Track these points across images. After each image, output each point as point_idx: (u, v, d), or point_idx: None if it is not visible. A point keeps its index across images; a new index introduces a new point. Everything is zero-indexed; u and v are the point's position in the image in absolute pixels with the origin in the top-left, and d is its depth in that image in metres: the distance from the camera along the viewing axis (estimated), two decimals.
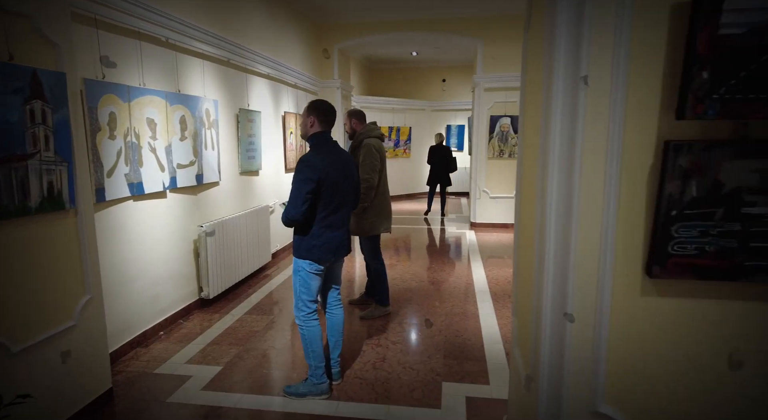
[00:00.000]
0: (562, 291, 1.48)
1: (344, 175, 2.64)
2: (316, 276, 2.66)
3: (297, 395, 2.72)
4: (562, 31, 1.39)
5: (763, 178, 1.28)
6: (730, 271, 1.35)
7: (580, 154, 1.41)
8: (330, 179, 2.53)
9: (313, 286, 2.66)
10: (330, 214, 2.59)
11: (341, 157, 2.68)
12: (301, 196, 2.46)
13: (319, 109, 2.64)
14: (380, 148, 3.69)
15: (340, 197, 2.62)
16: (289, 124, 6.17)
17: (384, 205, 3.75)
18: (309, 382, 2.75)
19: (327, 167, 2.53)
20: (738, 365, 1.43)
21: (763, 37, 1.21)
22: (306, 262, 2.60)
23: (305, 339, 2.70)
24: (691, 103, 1.26)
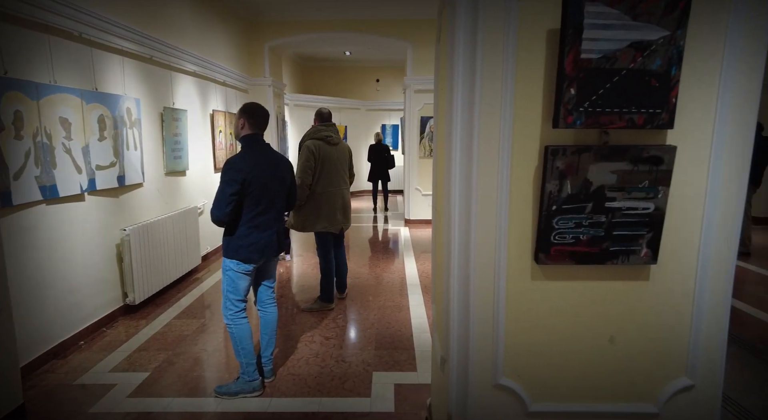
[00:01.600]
0: (466, 277, 1.67)
1: (274, 177, 2.69)
2: (244, 276, 2.70)
3: (229, 394, 2.75)
4: (460, 53, 1.57)
5: (620, 177, 1.55)
6: (600, 256, 1.61)
7: (477, 158, 1.60)
8: (256, 181, 2.58)
9: (240, 286, 2.71)
10: (258, 214, 2.64)
11: (272, 159, 2.73)
12: (225, 197, 2.50)
13: (249, 112, 2.68)
14: (319, 149, 3.78)
15: (268, 198, 2.67)
16: (218, 123, 6.04)
17: (324, 204, 3.84)
18: (241, 381, 2.78)
19: (253, 169, 2.58)
20: (612, 340, 1.70)
21: (614, 62, 1.46)
22: (233, 262, 2.65)
23: (234, 337, 2.74)
24: (563, 115, 1.49)
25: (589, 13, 1.43)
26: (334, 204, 3.89)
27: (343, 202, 3.99)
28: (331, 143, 3.86)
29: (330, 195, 3.87)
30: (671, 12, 1.45)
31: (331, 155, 3.85)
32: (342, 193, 3.98)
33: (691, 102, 1.56)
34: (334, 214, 3.90)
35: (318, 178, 3.79)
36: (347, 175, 4.07)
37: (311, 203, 3.82)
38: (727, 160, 1.58)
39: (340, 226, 3.99)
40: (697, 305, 1.66)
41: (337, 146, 3.93)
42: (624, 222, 1.58)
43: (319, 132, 3.83)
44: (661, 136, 1.58)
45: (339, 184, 3.93)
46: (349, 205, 4.09)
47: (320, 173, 3.79)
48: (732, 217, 1.61)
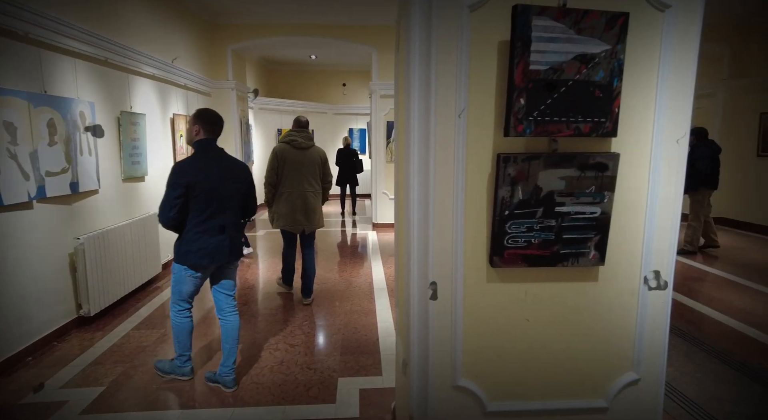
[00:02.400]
0: (425, 281, 1.71)
1: (225, 182, 2.68)
2: (191, 280, 2.74)
3: (162, 371, 2.99)
4: (415, 63, 1.61)
5: (568, 183, 1.62)
6: (551, 258, 1.68)
7: (433, 165, 1.64)
8: (203, 185, 2.58)
9: (185, 289, 2.77)
10: (206, 219, 2.63)
11: (225, 164, 2.73)
12: (169, 201, 2.56)
13: (204, 118, 2.70)
14: (282, 152, 4.03)
15: (218, 203, 2.65)
16: (178, 127, 5.89)
17: (284, 204, 4.07)
18: (174, 364, 2.97)
19: (199, 173, 2.59)
20: (564, 335, 1.77)
21: (561, 73, 1.53)
22: (180, 265, 2.71)
23: (173, 328, 2.89)
24: (513, 124, 1.55)
25: (537, 27, 1.49)
26: (294, 205, 4.07)
27: (305, 204, 4.10)
28: (297, 147, 4.05)
29: (290, 196, 4.05)
30: (611, 28, 1.53)
31: (295, 158, 4.03)
32: (305, 195, 4.09)
33: (631, 111, 1.65)
34: (294, 214, 4.07)
35: (282, 179, 4.04)
36: (315, 179, 4.16)
37: (277, 202, 4.10)
38: (664, 165, 1.69)
39: (301, 227, 4.12)
40: (641, 303, 1.75)
41: (306, 151, 4.09)
42: (573, 226, 1.66)
43: (287, 136, 4.11)
44: (606, 143, 1.66)
45: (302, 186, 4.07)
46: (313, 207, 4.16)
47: (283, 175, 4.03)
48: (670, 219, 1.72)
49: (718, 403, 2.67)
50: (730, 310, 4.11)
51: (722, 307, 4.17)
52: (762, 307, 4.17)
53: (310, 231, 4.21)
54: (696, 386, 2.85)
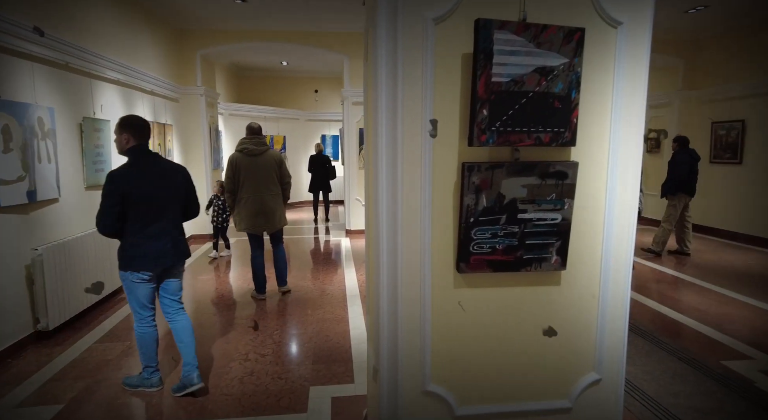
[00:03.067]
0: (394, 288, 1.73)
1: (162, 186, 2.73)
2: (141, 285, 2.75)
3: (131, 386, 2.95)
4: (382, 74, 1.63)
5: (530, 191, 1.68)
6: (515, 264, 1.73)
7: (401, 174, 1.66)
8: (140, 192, 2.62)
9: (140, 295, 2.78)
10: (146, 225, 2.68)
11: (160, 169, 2.76)
12: (105, 210, 2.59)
13: (131, 125, 2.71)
14: (236, 160, 4.33)
15: (158, 208, 2.71)
16: None
17: (244, 209, 4.35)
18: (142, 376, 2.94)
19: (135, 181, 2.62)
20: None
21: (522, 85, 1.59)
22: (128, 272, 2.72)
23: (138, 339, 2.88)
24: (476, 134, 1.59)
25: (498, 40, 1.55)
26: (254, 208, 4.34)
27: (264, 206, 4.37)
28: (250, 154, 4.32)
29: (249, 200, 4.33)
30: (569, 42, 1.61)
31: (249, 165, 4.31)
32: (262, 198, 4.36)
33: (589, 122, 1.73)
34: (255, 217, 4.35)
35: (240, 185, 4.34)
36: (272, 182, 4.41)
37: (238, 207, 4.39)
38: (621, 173, 1.77)
39: (263, 228, 4.42)
40: (601, 306, 1.82)
41: (259, 157, 4.35)
42: (535, 232, 1.72)
43: (240, 145, 4.39)
44: (566, 152, 1.73)
45: (260, 190, 4.35)
46: (272, 209, 4.42)
47: (241, 181, 4.32)
48: (627, 225, 1.80)
49: (675, 399, 2.79)
50: (689, 310, 4.30)
51: (681, 308, 4.36)
52: (716, 306, 4.38)
53: (272, 231, 4.50)
54: (655, 384, 2.97)
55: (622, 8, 1.66)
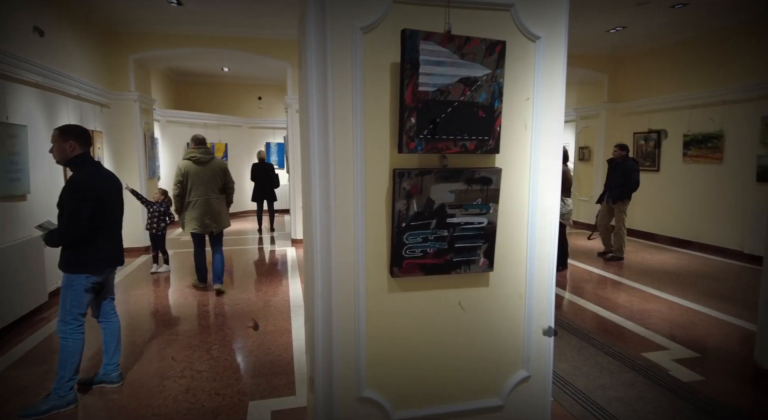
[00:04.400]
0: (328, 294, 1.72)
1: (115, 191, 2.90)
2: (91, 289, 2.78)
3: (37, 414, 2.69)
4: (313, 82, 1.64)
5: (457, 196, 1.74)
6: (446, 266, 1.78)
7: (333, 180, 1.67)
8: (105, 194, 2.77)
9: (85, 300, 2.80)
10: (109, 226, 2.82)
11: (108, 174, 2.93)
12: (82, 218, 2.63)
13: (77, 133, 2.76)
14: (186, 168, 4.82)
15: (112, 211, 2.86)
16: None
17: (193, 210, 4.85)
18: (53, 396, 2.75)
19: (101, 184, 2.76)
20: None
21: (447, 95, 1.66)
22: (83, 276, 2.73)
23: (69, 351, 2.77)
24: (405, 141, 1.63)
25: (424, 51, 1.60)
26: (202, 211, 4.87)
27: (211, 209, 4.91)
28: (198, 162, 4.84)
29: (197, 203, 4.84)
30: (491, 54, 1.69)
31: (198, 172, 4.83)
32: (210, 202, 4.90)
33: (511, 130, 1.82)
34: (203, 218, 4.88)
35: (189, 190, 4.82)
36: (218, 188, 5.00)
37: (186, 209, 4.86)
38: (542, 179, 1.87)
39: (210, 228, 4.93)
40: (527, 305, 1.91)
41: (207, 164, 4.88)
42: (463, 235, 1.78)
43: (188, 154, 4.91)
44: (491, 159, 1.82)
45: (207, 194, 4.88)
46: (218, 211, 4.98)
47: (191, 186, 4.81)
48: (549, 227, 1.91)
49: (602, 391, 2.96)
50: (615, 307, 4.60)
51: (609, 305, 4.65)
52: (639, 303, 4.73)
53: (217, 231, 5.03)
54: (584, 378, 3.14)
55: (539, 23, 1.78)
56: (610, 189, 6.35)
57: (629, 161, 6.29)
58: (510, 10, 1.74)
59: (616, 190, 6.26)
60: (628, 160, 6.30)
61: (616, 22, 6.79)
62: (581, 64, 8.41)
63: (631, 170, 6.18)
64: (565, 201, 5.57)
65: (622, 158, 6.32)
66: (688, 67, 7.22)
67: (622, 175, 6.21)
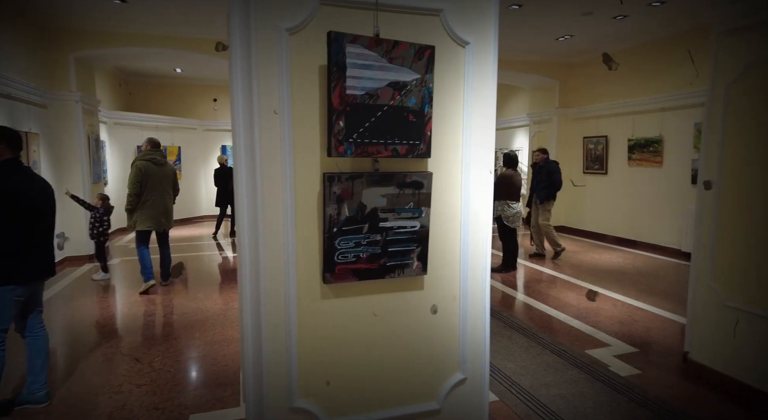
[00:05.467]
0: (256, 303, 1.67)
1: (44, 199, 2.77)
2: (16, 302, 2.65)
3: None
4: (238, 84, 1.60)
5: (389, 200, 1.74)
6: (379, 271, 1.77)
7: (261, 185, 1.62)
8: (33, 201, 2.66)
9: (8, 315, 2.66)
10: (37, 233, 2.69)
11: (39, 179, 2.82)
12: (9, 224, 2.53)
13: (7, 136, 2.65)
14: (146, 168, 5.00)
15: (42, 218, 2.74)
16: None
17: (149, 209, 5.04)
18: None
19: (29, 191, 2.64)
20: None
21: (376, 99, 1.65)
22: (8, 287, 2.59)
23: None
24: (334, 145, 1.61)
25: (351, 53, 1.59)
26: (158, 209, 5.12)
27: (166, 208, 5.21)
28: (156, 163, 5.11)
29: (155, 202, 5.07)
30: (420, 58, 1.70)
31: (156, 172, 5.08)
32: (165, 201, 5.18)
33: (443, 134, 1.84)
34: (159, 216, 5.14)
35: (146, 189, 5.00)
36: (171, 189, 5.32)
37: (141, 208, 5.02)
38: (474, 182, 1.90)
39: (164, 226, 5.25)
40: (462, 306, 1.93)
41: (163, 166, 5.19)
42: (397, 239, 1.77)
43: (147, 154, 5.14)
44: (422, 163, 1.82)
45: (163, 194, 5.16)
46: (171, 210, 5.30)
47: (148, 186, 5.00)
48: (483, 230, 1.94)
49: (546, 389, 3.03)
50: (563, 306, 4.75)
51: (557, 304, 4.80)
52: (585, 301, 4.90)
53: (169, 228, 5.39)
54: (530, 377, 3.21)
55: (468, 29, 1.80)
56: (537, 191, 6.65)
57: (551, 164, 6.60)
58: (439, 15, 1.75)
59: (543, 191, 6.60)
60: (550, 163, 6.63)
61: (564, 31, 7.06)
62: (533, 71, 8.68)
63: (553, 172, 6.50)
64: (509, 204, 5.73)
65: (544, 161, 6.65)
66: (630, 75, 7.59)
67: (546, 177, 6.53)
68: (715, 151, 2.93)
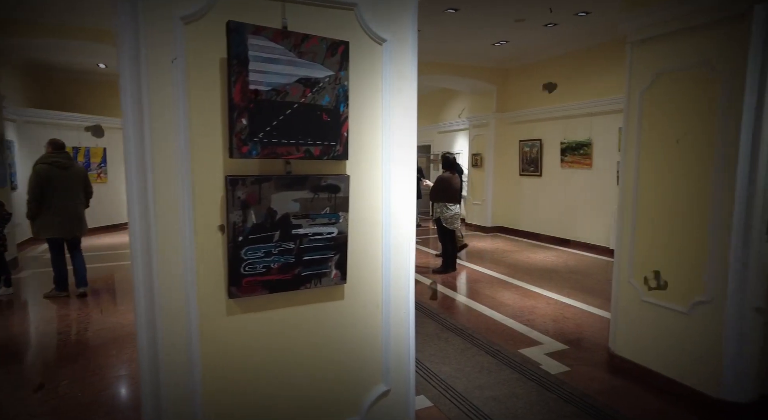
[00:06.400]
0: (151, 323, 1.49)
1: None
2: None
3: None
4: (126, 80, 1.42)
5: (303, 205, 1.62)
6: (293, 282, 1.65)
7: (153, 192, 1.45)
8: None
9: None
10: None
11: None
12: None
13: None
14: (47, 172, 4.66)
15: None
16: None
17: (55, 216, 4.75)
18: None
19: None
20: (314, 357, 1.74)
21: (285, 95, 1.53)
22: None
23: None
24: (236, 145, 1.47)
25: (253, 46, 1.46)
26: (64, 215, 4.79)
27: (75, 213, 4.89)
28: (60, 167, 4.75)
29: (61, 208, 4.74)
30: (333, 54, 1.60)
31: (61, 176, 4.72)
32: (75, 206, 4.88)
33: (361, 135, 1.75)
34: (65, 223, 4.81)
35: (49, 195, 4.66)
36: (81, 193, 4.98)
37: (45, 215, 4.68)
38: (396, 185, 1.82)
39: (73, 233, 4.91)
40: (384, 314, 1.85)
41: (69, 169, 4.84)
42: (312, 247, 1.66)
43: (49, 158, 4.77)
44: (340, 166, 1.72)
45: (72, 199, 4.84)
46: (80, 216, 4.98)
47: (51, 191, 4.65)
48: (406, 234, 1.87)
49: (480, 392, 3.03)
50: (499, 305, 4.83)
51: (493, 304, 4.87)
52: (520, 300, 5.02)
53: (81, 235, 5.07)
54: (465, 380, 3.20)
55: (385, 26, 1.73)
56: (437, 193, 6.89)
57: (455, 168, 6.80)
58: (354, 10, 1.66)
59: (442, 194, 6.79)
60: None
61: (500, 37, 7.26)
62: (472, 76, 8.88)
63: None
64: (448, 206, 5.79)
65: None
66: (562, 81, 7.94)
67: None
68: (633, 154, 3.06)
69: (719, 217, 2.54)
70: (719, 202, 2.54)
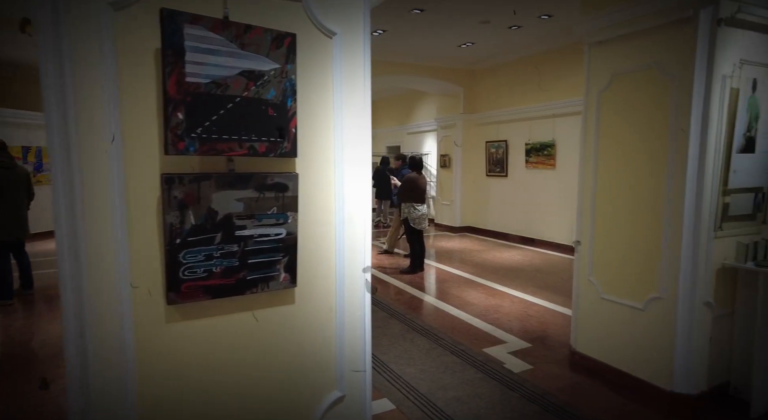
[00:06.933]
0: (80, 336, 1.37)
1: None
2: None
3: None
4: (49, 73, 1.30)
5: (247, 205, 1.53)
6: (238, 286, 1.56)
7: (80, 191, 1.34)
8: None
9: None
10: None
11: None
12: None
13: None
14: None
15: None
16: None
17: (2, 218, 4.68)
18: None
19: None
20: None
21: (226, 89, 1.44)
22: None
23: None
24: (172, 140, 1.38)
25: (190, 36, 1.37)
26: (9, 218, 4.75)
27: (19, 215, 4.83)
28: (4, 167, 4.74)
29: (6, 211, 4.70)
30: (278, 47, 1.52)
31: (4, 177, 4.68)
32: (19, 209, 4.83)
33: (311, 131, 1.68)
34: (10, 226, 4.78)
35: None
36: (24, 194, 4.93)
37: None
38: (349, 184, 1.76)
39: (17, 235, 4.86)
40: (338, 318, 1.78)
41: (11, 169, 4.80)
42: (258, 249, 1.57)
43: None
44: (289, 164, 1.65)
45: (15, 201, 4.78)
46: (25, 218, 4.93)
47: None
48: (360, 234, 1.81)
49: (443, 393, 3.00)
50: (465, 305, 4.84)
51: (459, 303, 4.88)
52: (485, 299, 5.04)
53: (25, 237, 5.00)
54: (429, 381, 3.17)
55: (334, 18, 1.66)
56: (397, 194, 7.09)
57: (406, 170, 6.92)
58: (302, 1, 1.59)
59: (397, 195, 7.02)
60: (405, 169, 7.03)
61: (466, 38, 7.31)
62: (440, 77, 8.92)
63: None
64: (415, 206, 5.78)
65: (399, 167, 7.26)
66: (526, 83, 8.07)
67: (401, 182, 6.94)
68: (591, 154, 3.11)
69: (672, 215, 2.60)
70: (671, 202, 2.59)
